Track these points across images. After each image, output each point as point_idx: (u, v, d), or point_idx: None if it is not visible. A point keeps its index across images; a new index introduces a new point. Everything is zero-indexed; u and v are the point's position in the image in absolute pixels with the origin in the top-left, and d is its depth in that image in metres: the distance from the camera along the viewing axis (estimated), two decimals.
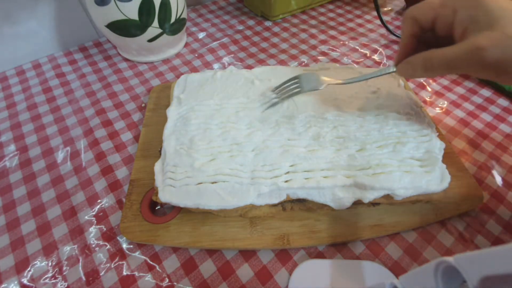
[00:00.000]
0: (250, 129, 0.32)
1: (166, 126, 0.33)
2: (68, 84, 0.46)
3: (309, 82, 0.34)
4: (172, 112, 0.34)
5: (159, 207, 0.32)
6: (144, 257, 0.29)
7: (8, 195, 0.33)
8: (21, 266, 0.29)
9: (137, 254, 0.29)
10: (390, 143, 0.30)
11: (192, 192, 0.28)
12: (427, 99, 0.43)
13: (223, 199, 0.27)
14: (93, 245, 0.30)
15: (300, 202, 0.30)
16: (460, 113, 0.42)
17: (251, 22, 0.57)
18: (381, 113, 0.33)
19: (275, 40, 0.54)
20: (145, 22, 0.42)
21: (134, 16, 0.40)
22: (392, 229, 0.30)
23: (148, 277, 0.28)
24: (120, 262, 0.29)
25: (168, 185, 0.28)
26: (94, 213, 0.32)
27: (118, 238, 0.30)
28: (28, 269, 0.28)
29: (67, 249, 0.30)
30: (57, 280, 0.28)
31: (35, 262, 0.29)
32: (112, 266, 0.29)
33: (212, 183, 0.28)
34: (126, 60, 0.50)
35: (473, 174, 0.35)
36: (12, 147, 0.38)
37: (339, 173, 0.29)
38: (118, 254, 0.29)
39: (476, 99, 0.43)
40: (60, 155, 0.37)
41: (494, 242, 0.30)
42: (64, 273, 0.28)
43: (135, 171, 0.34)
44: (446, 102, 0.43)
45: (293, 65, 0.49)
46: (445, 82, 0.46)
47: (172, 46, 0.50)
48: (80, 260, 0.29)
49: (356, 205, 0.30)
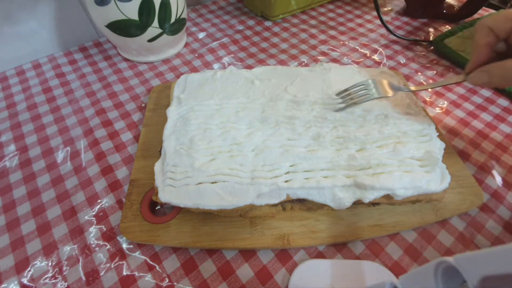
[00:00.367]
0: (250, 129, 0.32)
1: (166, 126, 0.33)
2: (68, 84, 0.46)
3: (377, 88, 0.34)
4: (172, 112, 0.34)
5: (159, 207, 0.32)
6: (144, 257, 0.29)
7: (8, 195, 0.33)
8: (21, 266, 0.29)
9: (137, 254, 0.29)
10: (390, 143, 0.30)
11: (192, 192, 0.28)
12: (427, 99, 0.43)
13: (223, 199, 0.27)
14: (93, 245, 0.30)
15: (300, 202, 0.30)
16: (460, 113, 0.42)
17: (251, 22, 0.57)
18: (381, 113, 0.33)
19: (275, 40, 0.54)
20: (145, 22, 0.42)
21: (134, 16, 0.40)
22: (392, 229, 0.30)
23: (148, 277, 0.28)
24: (120, 262, 0.29)
25: (168, 185, 0.28)
26: (94, 213, 0.32)
27: (118, 238, 0.30)
28: (28, 269, 0.28)
29: (67, 249, 0.30)
30: (57, 280, 0.28)
31: (35, 262, 0.29)
32: (112, 266, 0.29)
33: (212, 183, 0.28)
34: (126, 60, 0.50)
35: (473, 174, 0.35)
36: (12, 147, 0.38)
37: (339, 173, 0.29)
38: (118, 254, 0.29)
39: (476, 99, 0.43)
40: (60, 155, 0.37)
41: (494, 242, 0.30)
42: (64, 273, 0.28)
43: (135, 171, 0.34)
44: (446, 102, 0.43)
45: (293, 65, 0.49)
46: None
47: (172, 46, 0.50)
48: (80, 260, 0.29)
49: (356, 205, 0.30)
